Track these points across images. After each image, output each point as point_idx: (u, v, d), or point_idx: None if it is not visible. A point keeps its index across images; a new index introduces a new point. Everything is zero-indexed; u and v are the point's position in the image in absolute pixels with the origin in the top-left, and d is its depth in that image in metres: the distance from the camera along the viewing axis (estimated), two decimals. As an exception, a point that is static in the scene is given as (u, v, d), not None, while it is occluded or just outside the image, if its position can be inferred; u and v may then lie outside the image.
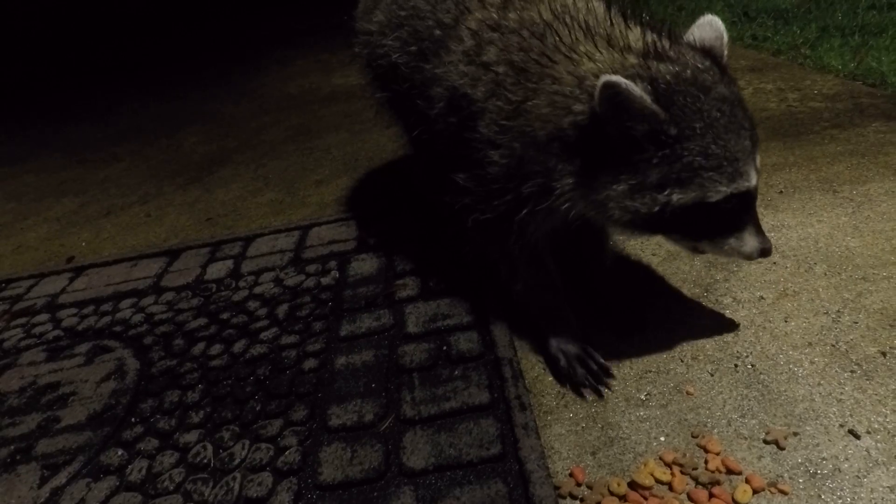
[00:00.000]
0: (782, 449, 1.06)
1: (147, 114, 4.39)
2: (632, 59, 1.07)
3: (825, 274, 1.50)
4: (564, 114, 1.08)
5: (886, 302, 1.37)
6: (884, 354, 1.24)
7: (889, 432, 1.07)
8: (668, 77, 1.02)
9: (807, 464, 1.04)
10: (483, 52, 1.21)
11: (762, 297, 1.46)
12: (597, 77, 1.01)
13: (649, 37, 1.11)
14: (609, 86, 0.95)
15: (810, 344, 1.29)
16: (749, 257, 1.15)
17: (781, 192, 1.89)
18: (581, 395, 1.25)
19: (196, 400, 1.40)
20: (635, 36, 1.13)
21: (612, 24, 1.17)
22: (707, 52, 1.11)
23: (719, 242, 1.13)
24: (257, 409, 1.34)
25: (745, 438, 1.10)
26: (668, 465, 1.07)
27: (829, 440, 1.07)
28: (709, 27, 1.15)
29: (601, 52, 1.11)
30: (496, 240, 1.30)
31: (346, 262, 1.89)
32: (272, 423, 1.29)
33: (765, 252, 1.14)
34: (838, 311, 1.37)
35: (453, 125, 1.28)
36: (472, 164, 1.23)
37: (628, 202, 1.06)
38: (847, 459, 1.03)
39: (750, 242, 1.12)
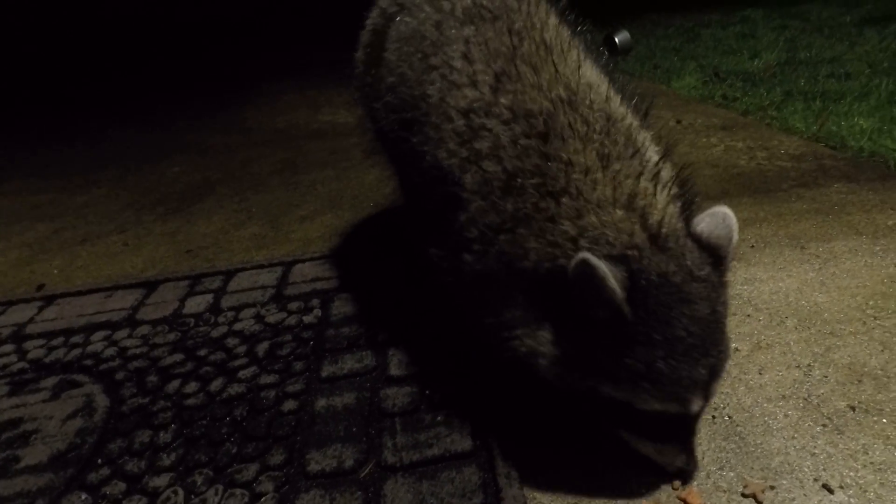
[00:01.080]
0: (760, 503, 1.08)
1: (130, 142, 4.37)
2: (638, 238, 0.96)
3: (796, 328, 1.56)
4: (547, 259, 1.00)
5: (853, 357, 1.43)
6: (853, 409, 1.28)
7: (861, 487, 1.10)
8: (654, 275, 0.93)
9: (784, 519, 1.05)
10: (476, 138, 1.12)
11: (737, 349, 1.50)
12: (592, 242, 0.96)
13: (667, 212, 1.01)
14: (586, 265, 0.89)
15: (784, 397, 1.33)
16: (665, 469, 1.09)
17: (753, 246, 1.98)
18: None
19: (168, 441, 1.35)
20: (659, 203, 1.02)
21: (640, 173, 1.03)
22: (712, 249, 1.01)
23: (642, 442, 1.07)
24: (233, 451, 1.30)
25: (724, 491, 1.12)
26: (650, 519, 1.07)
27: (805, 495, 1.09)
28: (721, 221, 1.03)
29: (617, 211, 0.99)
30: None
31: (329, 301, 1.88)
32: (248, 467, 1.25)
33: (683, 474, 1.07)
34: (809, 364, 1.42)
35: (437, 201, 1.19)
36: (449, 247, 1.16)
37: (561, 369, 1.01)
38: (822, 515, 1.05)
39: (671, 457, 1.07)
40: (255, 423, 1.38)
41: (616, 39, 5.48)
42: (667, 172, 1.07)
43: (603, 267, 0.89)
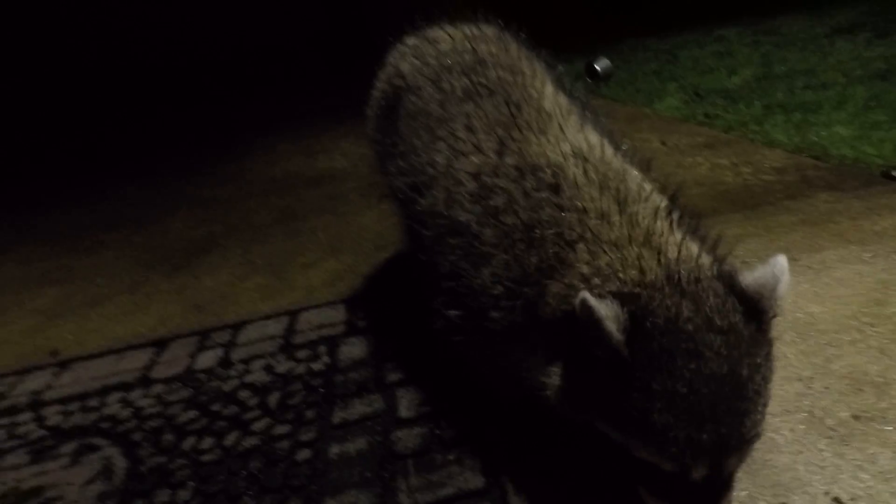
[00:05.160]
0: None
1: (131, 200, 4.47)
2: (652, 275, 0.94)
3: (794, 341, 1.59)
4: (564, 302, 1.00)
5: (853, 366, 1.46)
6: (857, 419, 1.30)
7: (871, 498, 1.12)
8: (661, 319, 0.88)
9: (797, 535, 1.07)
10: (490, 196, 1.16)
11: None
12: (604, 280, 0.96)
13: (686, 249, 0.98)
14: (584, 305, 0.88)
15: (788, 411, 1.36)
16: None
17: (745, 262, 2.02)
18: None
19: (187, 499, 1.37)
20: (678, 240, 1.00)
21: (656, 212, 1.04)
22: (750, 299, 0.93)
23: (653, 499, 0.99)
24: (251, 505, 1.32)
25: (737, 511, 1.13)
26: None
27: (816, 509, 1.11)
28: (771, 271, 0.95)
29: (633, 248, 0.98)
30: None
31: (336, 347, 1.92)
32: (267, 520, 1.27)
33: None
34: (810, 377, 1.45)
35: (453, 260, 1.20)
36: (470, 307, 1.16)
37: (565, 400, 1.01)
38: (834, 528, 1.07)
39: None
40: (270, 474, 1.41)
41: (597, 67, 5.66)
42: (678, 215, 1.08)
43: (599, 307, 0.87)
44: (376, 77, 1.91)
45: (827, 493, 1.14)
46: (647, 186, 1.14)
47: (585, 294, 0.89)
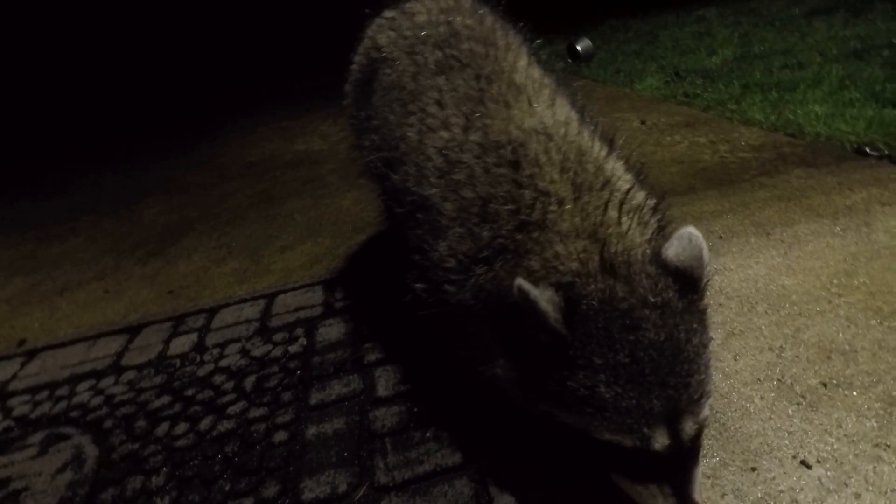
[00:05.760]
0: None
1: (105, 186, 4.36)
2: (591, 266, 0.97)
3: (766, 312, 1.61)
4: (506, 289, 1.00)
5: (822, 335, 1.48)
6: (825, 385, 1.33)
7: (837, 460, 1.14)
8: (596, 301, 0.92)
9: (766, 498, 1.09)
10: (454, 171, 1.18)
11: (712, 338, 1.54)
12: (549, 272, 0.98)
13: (630, 240, 1.01)
14: (520, 291, 0.91)
15: (759, 380, 1.38)
16: None
17: (721, 237, 2.04)
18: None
19: (161, 484, 1.35)
20: (624, 231, 1.03)
21: (607, 203, 1.05)
22: (681, 274, 0.96)
23: (622, 480, 1.00)
24: (226, 488, 1.31)
25: (709, 478, 1.15)
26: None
27: (784, 472, 1.13)
28: (687, 243, 0.98)
29: (580, 242, 1.01)
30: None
31: (314, 329, 1.89)
32: (243, 502, 1.26)
33: None
34: (781, 346, 1.47)
35: (420, 234, 1.22)
36: (431, 280, 1.17)
37: (520, 392, 1.02)
38: (802, 490, 1.09)
39: (653, 501, 0.95)
40: (247, 457, 1.39)
41: (578, 48, 5.63)
42: (637, 201, 1.09)
43: (535, 291, 0.91)
44: (354, 51, 1.88)
45: (795, 457, 1.16)
46: (609, 167, 1.14)
47: (520, 280, 0.92)
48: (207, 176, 4.14)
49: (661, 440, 0.90)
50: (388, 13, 1.79)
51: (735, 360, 1.46)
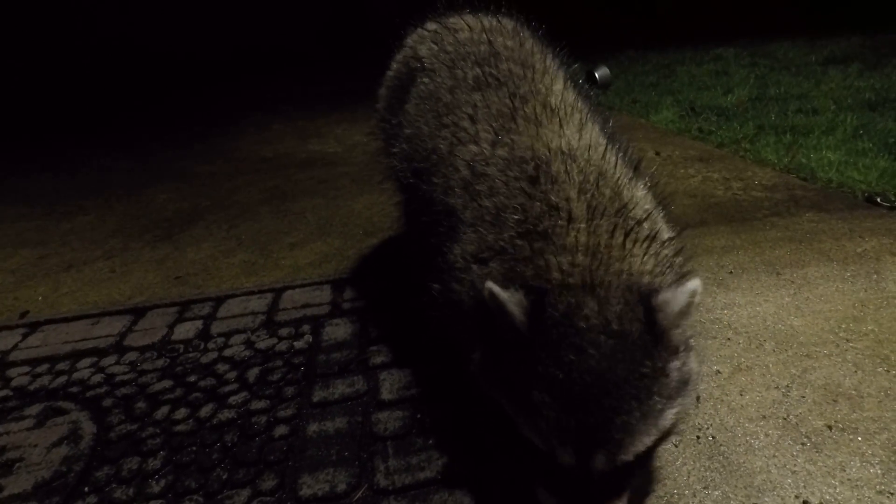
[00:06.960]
0: (745, 520, 1.11)
1: (118, 170, 4.37)
2: (575, 280, 0.99)
3: (774, 350, 1.61)
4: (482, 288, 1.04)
5: (829, 378, 1.49)
6: (830, 428, 1.33)
7: (840, 504, 1.14)
8: (558, 313, 0.95)
9: (768, 535, 1.08)
10: (478, 182, 1.22)
11: (718, 371, 1.55)
12: (536, 279, 1.01)
13: (627, 265, 1.01)
14: (490, 292, 0.96)
15: (764, 417, 1.38)
16: None
17: (731, 272, 2.05)
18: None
19: (157, 467, 1.34)
20: (626, 255, 1.03)
21: (615, 227, 1.05)
22: (650, 314, 0.94)
23: (541, 490, 1.04)
24: (223, 477, 1.30)
25: (710, 510, 1.15)
26: (639, 538, 1.09)
27: (787, 512, 1.13)
28: (680, 291, 0.95)
29: (578, 257, 1.02)
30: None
31: (320, 327, 1.89)
32: (239, 492, 1.25)
33: None
34: (787, 385, 1.48)
35: (440, 240, 1.26)
36: (444, 282, 1.21)
37: (482, 376, 1.07)
38: (804, 531, 1.09)
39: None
40: (245, 448, 1.38)
41: (596, 75, 5.70)
42: (649, 230, 1.08)
43: (503, 293, 0.96)
44: (392, 57, 1.94)
45: (798, 497, 1.16)
46: (627, 194, 1.15)
47: (490, 283, 0.98)
48: (221, 168, 4.16)
49: (566, 457, 0.93)
50: (432, 26, 1.84)
51: (741, 395, 1.46)
